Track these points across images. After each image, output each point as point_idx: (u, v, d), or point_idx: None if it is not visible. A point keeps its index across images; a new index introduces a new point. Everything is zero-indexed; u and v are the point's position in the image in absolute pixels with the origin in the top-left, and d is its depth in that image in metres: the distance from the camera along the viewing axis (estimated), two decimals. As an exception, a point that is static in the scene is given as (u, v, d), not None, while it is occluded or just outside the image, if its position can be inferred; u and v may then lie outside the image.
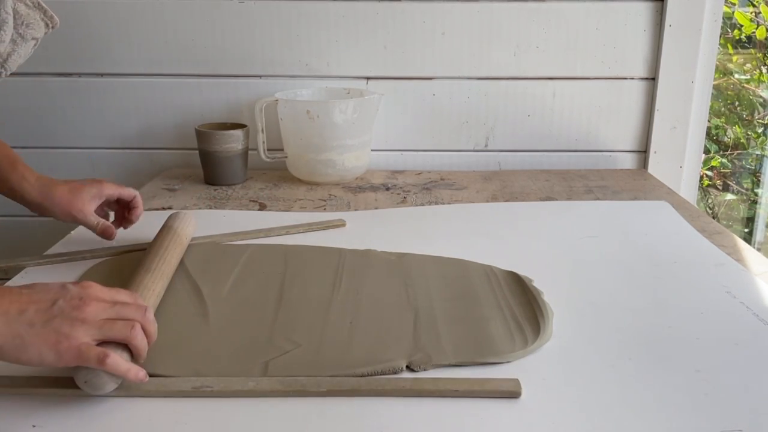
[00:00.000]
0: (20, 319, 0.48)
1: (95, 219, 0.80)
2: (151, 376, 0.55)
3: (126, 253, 0.82)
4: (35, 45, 0.66)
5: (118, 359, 0.49)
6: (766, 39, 1.81)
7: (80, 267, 0.78)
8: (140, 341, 0.52)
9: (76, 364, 0.49)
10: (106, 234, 0.80)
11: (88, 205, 0.79)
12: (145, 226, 0.85)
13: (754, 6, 1.83)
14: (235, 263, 0.78)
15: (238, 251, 0.82)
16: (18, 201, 0.79)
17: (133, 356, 0.53)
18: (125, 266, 0.78)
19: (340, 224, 0.92)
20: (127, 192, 0.82)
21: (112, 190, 0.81)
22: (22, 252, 0.82)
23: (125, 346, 0.52)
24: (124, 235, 0.85)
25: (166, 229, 0.78)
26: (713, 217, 1.37)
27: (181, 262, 0.78)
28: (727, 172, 2.01)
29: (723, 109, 1.99)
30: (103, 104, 1.23)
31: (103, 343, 0.51)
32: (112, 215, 0.86)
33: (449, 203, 1.04)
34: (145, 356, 0.54)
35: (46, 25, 0.63)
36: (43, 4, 0.62)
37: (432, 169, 1.25)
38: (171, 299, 0.69)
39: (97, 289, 0.52)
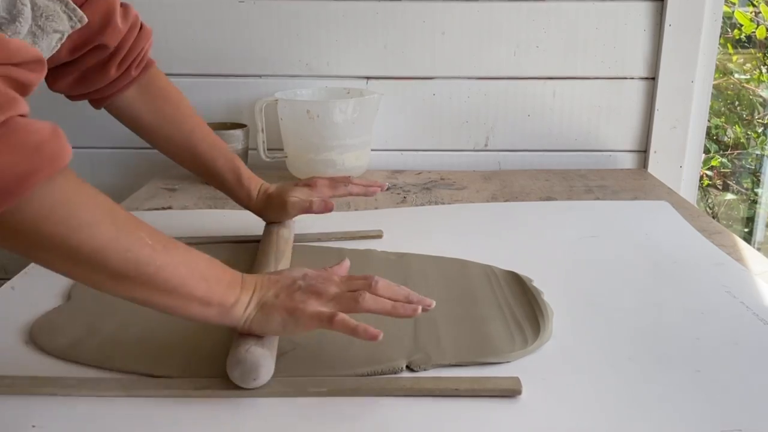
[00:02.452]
0: (268, 293, 0.55)
1: (306, 206, 0.80)
2: (151, 376, 0.55)
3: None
4: (60, 39, 0.64)
5: (345, 317, 0.53)
6: (766, 39, 1.81)
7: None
8: (372, 304, 0.55)
9: (310, 327, 0.54)
10: (326, 208, 0.80)
11: (294, 213, 0.81)
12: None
13: (754, 6, 1.83)
14: (235, 262, 0.78)
15: (239, 250, 0.82)
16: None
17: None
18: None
19: (377, 235, 0.88)
20: (324, 187, 0.82)
21: (320, 189, 0.82)
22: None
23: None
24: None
25: (270, 227, 0.81)
26: (713, 217, 1.37)
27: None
28: (727, 172, 2.01)
29: (723, 108, 1.99)
30: (103, 104, 1.23)
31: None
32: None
33: (449, 203, 1.04)
34: (410, 309, 0.55)
35: (69, 17, 0.62)
36: None
37: (432, 169, 1.25)
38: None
39: (332, 272, 0.59)
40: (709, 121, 1.30)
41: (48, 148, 0.44)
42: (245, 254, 0.80)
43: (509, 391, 0.53)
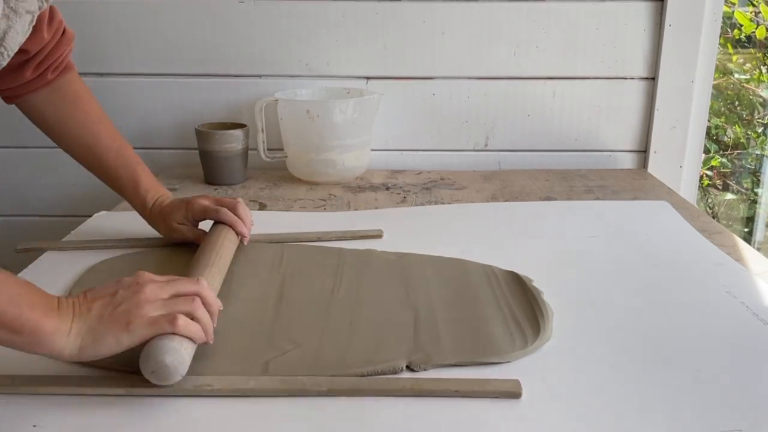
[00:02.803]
0: (89, 316, 0.52)
1: (192, 234, 0.80)
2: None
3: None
4: (32, 21, 0.64)
5: (187, 320, 0.52)
6: (765, 39, 1.81)
7: (98, 255, 0.81)
8: (202, 313, 0.54)
9: (149, 335, 0.52)
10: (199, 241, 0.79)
11: (181, 229, 0.80)
12: (142, 225, 0.84)
13: (754, 6, 1.83)
14: (235, 262, 0.78)
15: (238, 250, 0.82)
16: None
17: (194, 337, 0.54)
18: (126, 266, 0.78)
19: (377, 235, 0.88)
20: (212, 208, 0.79)
21: (198, 208, 0.79)
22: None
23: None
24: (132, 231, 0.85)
25: (220, 226, 0.78)
26: (713, 217, 1.37)
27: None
28: (727, 172, 2.01)
29: (723, 108, 1.99)
30: (103, 104, 1.22)
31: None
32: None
33: (449, 203, 1.04)
34: (213, 326, 0.55)
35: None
36: None
37: (432, 169, 1.25)
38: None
39: (149, 275, 0.56)
40: (709, 121, 1.30)
41: None
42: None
43: (509, 393, 0.53)
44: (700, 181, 1.45)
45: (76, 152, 0.81)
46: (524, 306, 0.67)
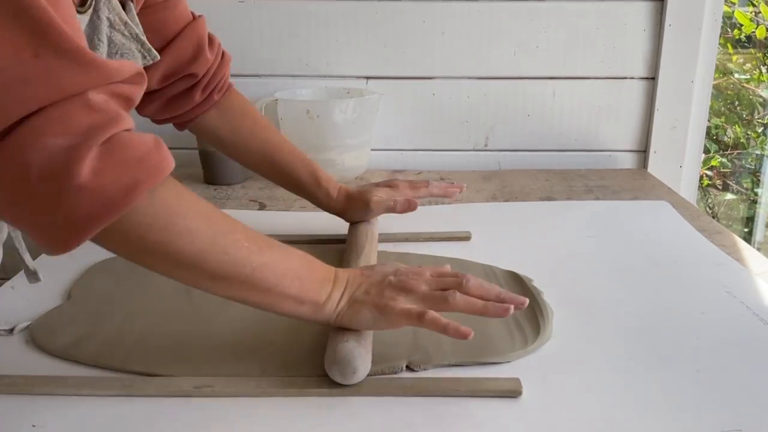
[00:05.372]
0: (359, 289, 0.56)
1: (390, 206, 0.83)
2: (151, 375, 0.55)
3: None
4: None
5: (436, 315, 0.53)
6: (765, 38, 1.81)
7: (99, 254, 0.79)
8: (462, 304, 0.55)
9: (399, 324, 0.54)
10: (410, 207, 0.84)
11: (378, 211, 0.84)
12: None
13: (754, 5, 1.83)
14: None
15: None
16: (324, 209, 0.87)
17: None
18: (126, 266, 0.78)
19: (465, 237, 0.87)
20: (416, 184, 0.85)
21: (403, 184, 0.85)
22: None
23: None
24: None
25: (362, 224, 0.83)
26: (713, 217, 1.37)
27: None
28: (727, 172, 2.01)
29: (723, 108, 1.99)
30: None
31: None
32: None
33: (449, 203, 1.04)
34: (502, 308, 0.55)
35: (144, 56, 0.63)
36: (142, 38, 0.62)
37: (432, 169, 1.25)
38: (171, 299, 0.69)
39: (424, 269, 0.59)
40: (709, 121, 1.30)
41: (150, 160, 0.46)
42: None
43: (509, 392, 0.53)
44: (700, 181, 1.45)
45: (251, 160, 0.85)
46: (524, 306, 0.67)
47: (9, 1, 0.40)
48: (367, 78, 1.23)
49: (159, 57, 0.66)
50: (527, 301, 0.56)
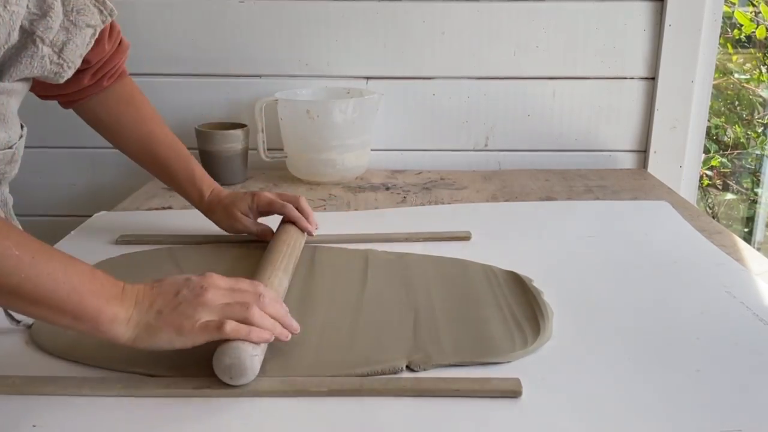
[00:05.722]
0: (150, 310, 0.53)
1: (255, 227, 0.82)
2: (150, 376, 0.55)
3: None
4: (93, 35, 0.65)
5: (237, 325, 0.53)
6: (765, 38, 1.81)
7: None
8: (258, 319, 0.54)
9: (200, 341, 0.53)
10: (264, 237, 0.82)
11: (244, 220, 0.82)
12: (143, 225, 0.84)
13: (754, 6, 1.83)
14: (236, 262, 0.78)
15: (241, 250, 0.82)
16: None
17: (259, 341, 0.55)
18: (127, 266, 0.78)
19: (465, 237, 0.87)
20: (279, 203, 0.81)
21: (265, 200, 0.82)
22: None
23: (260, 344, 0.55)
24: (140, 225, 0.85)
25: (288, 225, 0.80)
26: (713, 217, 1.37)
27: (184, 262, 0.78)
28: (727, 172, 2.01)
29: (723, 108, 1.99)
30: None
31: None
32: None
33: (449, 203, 1.04)
34: (286, 333, 0.56)
35: (100, 11, 0.62)
36: None
37: (432, 169, 1.25)
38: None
39: (216, 278, 0.57)
40: (709, 121, 1.30)
41: None
42: (244, 254, 0.80)
43: (510, 392, 0.53)
44: (700, 181, 1.45)
45: (130, 149, 0.84)
46: (524, 306, 0.67)
47: None
48: (367, 78, 1.23)
49: (116, 12, 0.64)
50: (298, 328, 0.57)
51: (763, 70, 1.93)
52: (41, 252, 0.50)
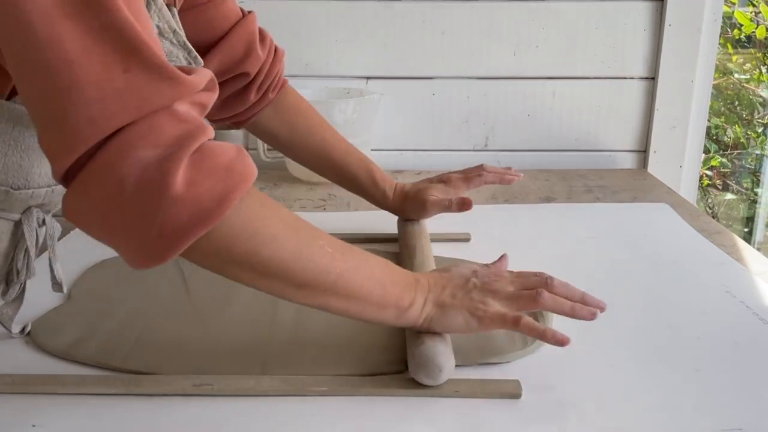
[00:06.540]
0: (443, 293, 0.55)
1: (446, 205, 0.82)
2: (151, 374, 0.55)
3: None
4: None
5: (532, 320, 0.53)
6: (765, 38, 1.81)
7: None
8: (551, 303, 0.55)
9: (493, 328, 0.55)
10: (465, 207, 0.82)
11: (435, 207, 0.82)
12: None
13: (754, 6, 1.83)
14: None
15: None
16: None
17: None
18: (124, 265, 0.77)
19: (465, 238, 0.87)
20: (474, 175, 0.84)
21: (456, 177, 0.84)
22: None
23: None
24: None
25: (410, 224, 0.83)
26: (713, 217, 1.37)
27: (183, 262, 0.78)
28: (727, 172, 2.02)
29: (723, 108, 1.99)
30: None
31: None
32: None
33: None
34: (589, 311, 0.55)
35: (188, 63, 0.63)
36: (189, 45, 0.62)
37: (432, 169, 1.25)
38: (170, 298, 0.69)
39: (501, 269, 0.60)
40: (709, 121, 1.30)
41: (237, 168, 0.45)
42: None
43: (509, 393, 0.53)
44: (700, 181, 1.45)
45: (307, 158, 0.84)
46: (524, 306, 0.67)
47: (98, 16, 0.40)
48: (367, 78, 1.23)
49: (203, 63, 0.65)
50: (605, 306, 0.57)
51: (763, 70, 1.93)
52: (347, 248, 0.52)
